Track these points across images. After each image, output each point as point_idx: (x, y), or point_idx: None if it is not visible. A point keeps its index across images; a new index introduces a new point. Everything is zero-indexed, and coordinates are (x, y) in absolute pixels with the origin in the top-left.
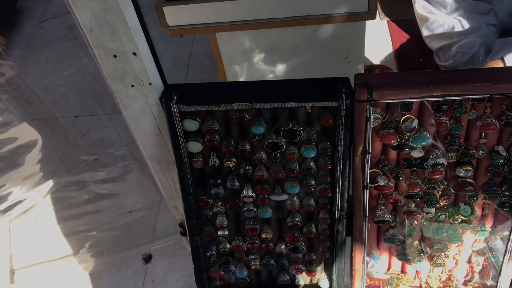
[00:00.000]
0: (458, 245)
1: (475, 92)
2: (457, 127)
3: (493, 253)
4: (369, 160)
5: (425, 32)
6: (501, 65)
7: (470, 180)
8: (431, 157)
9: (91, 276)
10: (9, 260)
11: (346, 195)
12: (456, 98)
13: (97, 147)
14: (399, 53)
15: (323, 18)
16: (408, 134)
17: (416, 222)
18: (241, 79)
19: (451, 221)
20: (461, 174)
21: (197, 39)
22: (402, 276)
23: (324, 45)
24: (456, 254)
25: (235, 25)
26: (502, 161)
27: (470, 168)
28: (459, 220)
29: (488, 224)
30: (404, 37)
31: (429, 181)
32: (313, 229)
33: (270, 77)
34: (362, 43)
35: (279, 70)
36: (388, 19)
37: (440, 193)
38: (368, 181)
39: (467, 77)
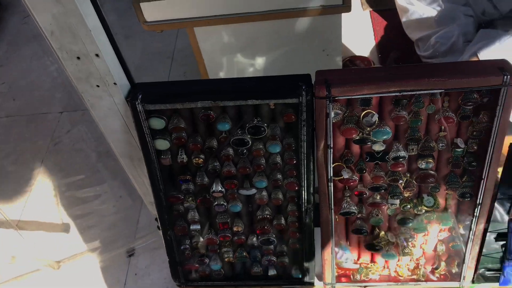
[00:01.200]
0: (424, 235)
1: (430, 86)
2: (416, 120)
3: (457, 242)
4: (331, 154)
5: (405, 23)
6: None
7: (431, 172)
8: (392, 150)
9: (73, 276)
10: None
11: (312, 188)
12: (412, 93)
13: (81, 142)
14: (381, 43)
15: (299, 11)
16: (369, 129)
17: (382, 213)
18: (221, 73)
19: (416, 212)
20: (423, 166)
21: (181, 33)
22: (371, 265)
23: (301, 38)
24: (423, 243)
25: (212, 20)
26: (461, 153)
27: (431, 160)
28: (423, 210)
29: (452, 214)
30: (386, 27)
31: (392, 173)
32: (283, 221)
33: (250, 70)
34: (339, 36)
35: (259, 64)
36: (371, 9)
37: (403, 184)
38: (331, 175)
39: (422, 72)
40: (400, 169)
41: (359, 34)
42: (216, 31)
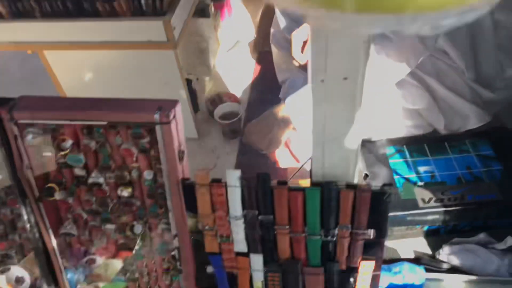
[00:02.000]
0: (153, 262)
1: (94, 118)
2: (104, 150)
3: (176, 273)
4: (32, 174)
5: (275, 65)
6: (283, 108)
7: (132, 200)
8: (91, 176)
9: None
10: None
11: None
12: (72, 122)
13: None
14: (254, 83)
15: (131, 44)
16: (61, 153)
17: (105, 237)
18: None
19: (132, 239)
20: (121, 194)
21: None
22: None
23: (144, 69)
24: (152, 271)
25: (56, 45)
26: (151, 184)
27: (129, 189)
28: (137, 238)
29: (166, 244)
30: (265, 68)
31: (98, 199)
32: (17, 238)
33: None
34: (175, 71)
35: (113, 91)
36: (261, 50)
37: (110, 210)
38: (39, 195)
39: (93, 104)
40: (102, 195)
41: (242, 72)
42: (65, 56)
